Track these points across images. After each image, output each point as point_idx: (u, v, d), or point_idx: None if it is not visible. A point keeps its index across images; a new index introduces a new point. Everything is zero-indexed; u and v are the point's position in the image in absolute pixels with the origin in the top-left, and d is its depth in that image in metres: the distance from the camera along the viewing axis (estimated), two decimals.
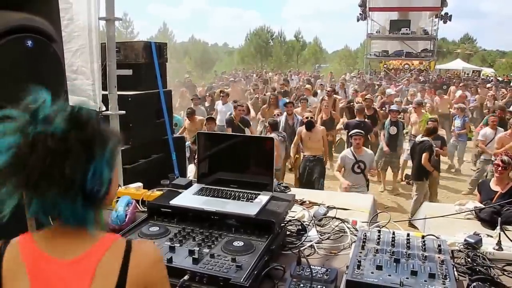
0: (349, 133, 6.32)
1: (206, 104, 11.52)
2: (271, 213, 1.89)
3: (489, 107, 11.72)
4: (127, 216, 2.19)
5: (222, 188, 2.14)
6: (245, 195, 2.05)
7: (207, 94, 12.43)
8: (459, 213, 2.90)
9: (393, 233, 1.83)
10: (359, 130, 6.26)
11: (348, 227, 2.20)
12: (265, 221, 1.81)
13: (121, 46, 3.78)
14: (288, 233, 2.10)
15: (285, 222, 2.09)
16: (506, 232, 2.44)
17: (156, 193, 2.58)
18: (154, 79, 4.16)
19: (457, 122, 9.64)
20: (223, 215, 1.90)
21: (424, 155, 6.68)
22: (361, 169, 6.01)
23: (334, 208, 2.64)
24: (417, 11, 23.54)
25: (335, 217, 2.31)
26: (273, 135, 7.37)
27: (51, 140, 0.97)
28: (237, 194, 2.07)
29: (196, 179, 2.30)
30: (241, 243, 1.71)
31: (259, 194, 2.06)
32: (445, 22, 22.90)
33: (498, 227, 2.23)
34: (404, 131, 9.43)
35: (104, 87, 3.46)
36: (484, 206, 2.98)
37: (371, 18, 24.16)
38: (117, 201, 2.26)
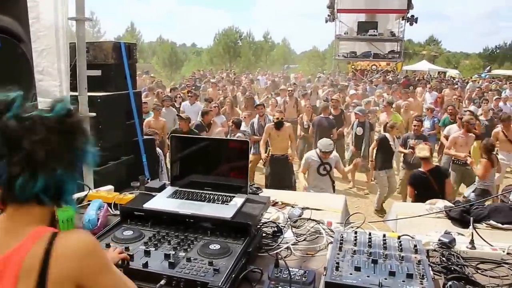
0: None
1: (177, 105, 11.36)
2: (247, 216, 1.88)
3: (447, 105, 12.10)
4: (99, 220, 2.14)
5: (197, 191, 2.12)
6: (220, 198, 2.03)
7: (177, 95, 12.25)
8: (431, 213, 2.98)
9: (370, 234, 1.86)
10: (323, 150, 5.99)
11: (323, 228, 2.22)
12: (241, 223, 1.80)
13: (90, 46, 3.68)
14: (264, 235, 2.09)
15: (261, 224, 2.09)
16: (477, 230, 2.55)
17: (128, 196, 2.53)
18: (124, 80, 4.07)
19: (427, 123, 9.88)
20: (198, 218, 1.88)
21: (373, 144, 7.43)
22: (327, 171, 6.00)
23: (308, 208, 2.68)
24: (384, 13, 24.05)
25: (310, 218, 2.33)
26: (239, 134, 7.40)
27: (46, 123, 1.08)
28: (212, 197, 2.05)
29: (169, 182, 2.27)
30: (217, 246, 1.70)
31: (234, 196, 2.05)
32: (411, 24, 23.52)
33: (471, 226, 2.30)
34: (377, 129, 9.67)
35: (72, 88, 3.36)
36: (454, 206, 3.07)
37: (339, 20, 24.51)
38: (89, 204, 2.20)
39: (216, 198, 2.04)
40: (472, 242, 2.05)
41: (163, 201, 2.02)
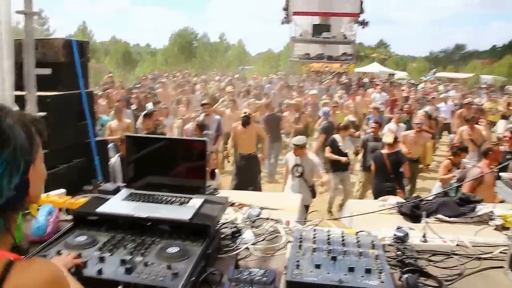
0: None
1: (133, 107, 11.04)
2: (206, 217, 1.85)
3: (401, 105, 12.59)
4: (49, 226, 2.03)
5: (153, 192, 2.06)
6: (178, 199, 1.99)
7: (134, 96, 11.93)
8: (384, 209, 3.06)
9: (328, 231, 1.88)
10: (297, 143, 6.10)
11: (282, 228, 2.23)
12: (200, 225, 1.77)
13: (38, 43, 3.49)
14: (223, 236, 2.07)
15: (220, 225, 2.07)
16: (423, 224, 2.64)
17: (80, 200, 2.42)
18: (76, 79, 3.91)
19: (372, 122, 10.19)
20: (155, 220, 1.83)
21: (326, 148, 7.55)
22: (300, 173, 6.03)
23: (265, 208, 2.68)
24: (337, 16, 24.64)
25: (269, 218, 2.33)
26: (204, 137, 7.31)
27: None
28: (169, 199, 2.00)
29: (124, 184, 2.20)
30: (176, 249, 1.66)
31: (192, 197, 2.01)
32: (363, 27, 24.29)
33: (423, 220, 2.40)
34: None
35: (18, 87, 3.18)
36: (405, 201, 3.17)
37: (294, 22, 24.87)
38: (38, 210, 2.09)
39: (173, 199, 1.99)
40: (424, 235, 2.13)
41: (118, 204, 1.95)
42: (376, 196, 6.45)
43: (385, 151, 6.63)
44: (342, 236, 1.80)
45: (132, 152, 2.13)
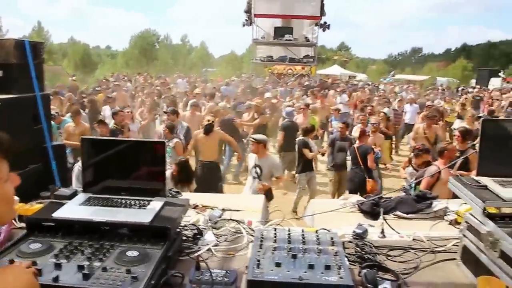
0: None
1: (87, 110, 10.72)
2: (166, 219, 1.83)
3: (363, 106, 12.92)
4: (1, 235, 1.95)
5: (112, 196, 2.02)
6: (137, 202, 1.96)
7: (88, 99, 11.60)
8: (345, 207, 3.13)
9: (289, 230, 1.90)
10: (254, 137, 6.19)
11: (244, 228, 2.24)
12: (160, 227, 1.75)
13: None
14: (184, 238, 2.06)
15: (181, 227, 2.05)
16: (386, 220, 2.72)
17: (35, 206, 2.33)
18: (30, 81, 3.77)
19: (335, 123, 10.41)
20: (114, 225, 1.79)
21: (305, 150, 7.64)
22: (258, 174, 5.99)
23: (228, 210, 2.69)
24: (298, 18, 24.90)
25: (230, 219, 2.33)
26: (175, 140, 7.15)
27: None
28: (128, 202, 1.97)
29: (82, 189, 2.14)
30: (135, 253, 1.63)
31: (151, 200, 1.98)
32: (324, 30, 24.62)
33: (381, 217, 2.47)
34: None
35: None
36: (365, 200, 3.25)
37: (256, 24, 24.94)
38: None
39: (133, 203, 1.96)
40: (382, 231, 2.19)
41: (74, 209, 1.90)
42: (350, 186, 7.25)
43: (356, 144, 7.40)
44: (302, 235, 1.83)
45: (89, 156, 2.08)
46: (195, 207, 2.76)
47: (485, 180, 1.93)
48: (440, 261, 2.00)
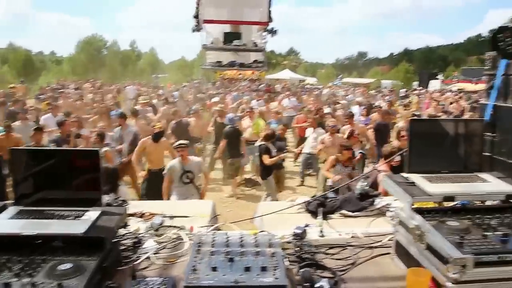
0: (173, 145, 6.35)
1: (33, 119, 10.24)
2: (102, 229, 1.78)
3: (311, 111, 13.21)
4: None
5: (45, 208, 1.94)
6: (72, 213, 1.89)
7: (31, 107, 11.10)
8: (289, 207, 3.16)
9: (227, 234, 1.90)
10: (182, 142, 6.22)
11: (185, 234, 2.22)
12: (94, 238, 1.70)
13: None
14: (124, 247, 2.01)
15: (119, 237, 2.00)
16: (329, 220, 2.79)
17: None
18: None
19: (274, 126, 10.61)
20: (45, 237, 1.72)
21: (264, 156, 7.59)
22: (190, 179, 6.01)
23: (174, 216, 2.66)
24: (247, 24, 25.08)
25: (171, 226, 2.31)
26: (105, 148, 6.97)
27: None
28: (62, 213, 1.89)
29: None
30: (68, 266, 1.57)
31: (87, 210, 1.92)
32: (272, 35, 24.93)
33: (320, 217, 2.53)
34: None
35: None
36: (311, 199, 3.31)
37: (205, 30, 24.87)
38: None
39: (67, 214, 1.89)
40: (322, 231, 2.25)
41: (3, 223, 1.81)
42: None
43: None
44: (241, 238, 1.84)
45: (19, 167, 1.99)
46: (142, 215, 2.71)
47: (414, 177, 2.03)
48: (376, 256, 2.08)
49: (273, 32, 25.55)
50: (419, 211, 1.87)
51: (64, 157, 2.00)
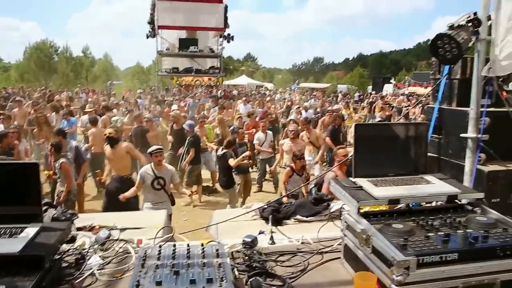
0: (148, 151, 6.20)
1: None
2: (40, 246, 1.69)
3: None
4: None
5: None
6: (8, 231, 1.78)
7: None
8: (243, 214, 3.14)
9: (174, 246, 1.85)
10: (159, 147, 6.21)
11: (132, 247, 2.15)
12: (31, 256, 1.61)
13: None
14: (66, 264, 1.92)
15: (61, 253, 1.91)
16: (284, 225, 2.79)
17: None
18: None
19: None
20: None
21: (230, 161, 7.64)
22: (161, 185, 5.97)
23: (126, 229, 2.57)
24: (203, 30, 25.00)
25: (117, 239, 2.23)
26: (62, 160, 6.64)
27: None
28: None
29: None
30: None
31: (26, 227, 1.82)
32: (228, 41, 25.01)
33: (270, 224, 2.52)
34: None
35: None
36: (265, 206, 3.30)
37: (161, 36, 24.57)
38: None
39: (2, 232, 1.78)
40: (272, 238, 2.24)
41: None
42: None
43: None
44: (188, 249, 1.79)
45: None
46: (91, 228, 2.60)
47: (361, 181, 2.06)
48: (327, 261, 2.09)
49: (229, 38, 25.83)
50: (366, 215, 1.90)
51: (0, 171, 1.88)
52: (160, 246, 1.83)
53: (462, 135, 3.47)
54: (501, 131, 3.48)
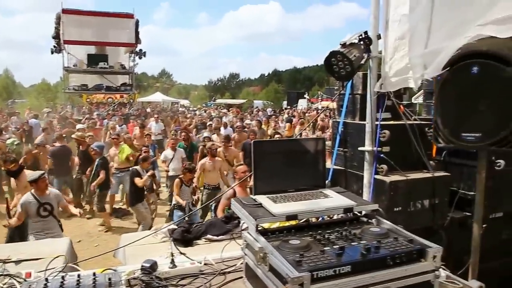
0: (31, 179, 5.70)
1: None
2: None
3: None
4: None
5: None
6: None
7: None
8: (149, 235, 3.02)
9: (63, 278, 1.70)
10: (42, 172, 5.80)
11: (18, 282, 1.95)
12: None
13: None
14: None
15: None
16: (195, 246, 2.71)
17: None
18: None
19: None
20: None
21: (135, 179, 7.47)
22: (49, 211, 5.50)
23: (22, 260, 2.42)
24: (113, 46, 24.24)
25: (3, 274, 2.01)
26: None
27: None
28: None
29: None
30: None
31: None
32: (140, 57, 24.52)
33: (171, 247, 2.43)
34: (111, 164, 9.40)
35: None
36: (176, 227, 3.20)
37: (67, 51, 23.38)
38: None
39: None
40: (172, 261, 2.16)
41: None
42: None
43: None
44: (78, 280, 1.66)
45: None
46: None
47: (260, 198, 2.06)
48: (230, 281, 2.06)
49: (141, 53, 25.39)
50: (264, 232, 1.90)
51: None
52: (46, 280, 1.67)
53: (360, 148, 3.65)
54: (400, 143, 3.66)
